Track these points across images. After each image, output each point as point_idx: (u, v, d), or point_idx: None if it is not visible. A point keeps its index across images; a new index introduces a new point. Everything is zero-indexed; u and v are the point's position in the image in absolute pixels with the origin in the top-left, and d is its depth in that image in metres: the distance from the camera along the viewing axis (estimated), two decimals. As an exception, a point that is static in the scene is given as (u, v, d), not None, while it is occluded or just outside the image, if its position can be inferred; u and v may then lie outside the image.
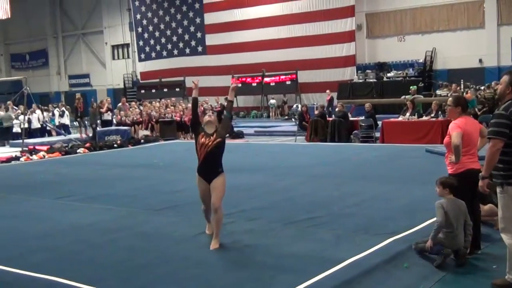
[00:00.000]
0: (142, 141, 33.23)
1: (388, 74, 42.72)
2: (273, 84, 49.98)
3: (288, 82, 49.35)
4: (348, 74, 45.20)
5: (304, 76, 48.71)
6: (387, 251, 9.88)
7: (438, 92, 35.48)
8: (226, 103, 11.23)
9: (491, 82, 34.77)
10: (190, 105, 29.36)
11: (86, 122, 38.62)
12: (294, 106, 46.81)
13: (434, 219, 9.78)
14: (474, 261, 9.72)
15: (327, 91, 44.01)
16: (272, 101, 50.41)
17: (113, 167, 22.70)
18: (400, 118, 28.70)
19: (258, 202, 14.32)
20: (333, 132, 29.23)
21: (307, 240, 10.74)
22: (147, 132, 35.96)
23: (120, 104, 40.06)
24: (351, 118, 30.53)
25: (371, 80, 42.62)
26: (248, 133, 36.81)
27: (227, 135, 10.93)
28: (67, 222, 13.08)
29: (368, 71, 43.77)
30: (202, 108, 34.44)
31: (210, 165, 10.55)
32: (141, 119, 37.30)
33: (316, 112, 31.35)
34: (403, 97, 32.54)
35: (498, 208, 8.42)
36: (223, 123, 10.86)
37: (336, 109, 30.74)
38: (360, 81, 43.43)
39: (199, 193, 10.87)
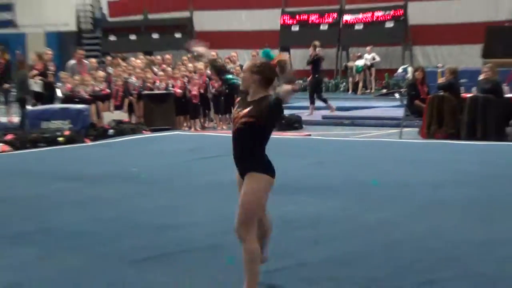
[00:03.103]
0: (110, 131, 13.80)
1: None
2: (360, 26, 22.86)
3: (389, 24, 22.50)
4: (505, 9, 21.10)
5: (420, 13, 22.17)
6: None
7: None
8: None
9: None
10: (200, 65, 15.56)
11: (8, 95, 16.30)
12: (400, 69, 21.46)
13: None
14: None
15: (368, 48, 22.18)
16: (359, 62, 22.55)
17: (55, 179, 9.10)
18: None
19: (330, 250, 5.47)
20: (474, 120, 11.95)
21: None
22: (121, 115, 14.85)
23: (72, 61, 16.19)
24: (508, 94, 12.79)
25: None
26: (311, 121, 16.06)
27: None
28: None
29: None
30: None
31: (238, 150, 4.26)
32: (108, 91, 15.11)
33: (440, 80, 13.53)
34: None
35: None
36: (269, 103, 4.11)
37: (481, 77, 12.51)
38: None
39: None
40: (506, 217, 6.54)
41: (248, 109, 4.18)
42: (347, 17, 23.36)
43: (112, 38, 27.51)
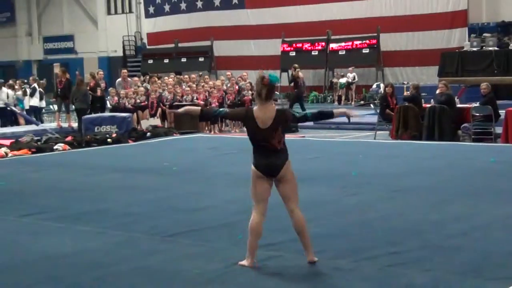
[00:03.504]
0: (148, 134, 13.66)
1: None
2: (343, 52, 22.36)
3: (366, 50, 21.97)
4: (455, 39, 20.69)
5: (390, 42, 21.91)
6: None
7: None
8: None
9: None
10: (218, 82, 16.36)
11: (69, 106, 15.02)
12: (374, 86, 21.37)
13: None
14: None
15: (350, 68, 21.75)
16: (342, 80, 21.82)
17: (105, 171, 9.12)
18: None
19: (318, 227, 5.27)
20: (432, 125, 11.94)
21: (390, 286, 4.06)
22: (156, 121, 14.85)
23: (119, 79, 16.42)
24: (458, 105, 12.86)
25: (490, 49, 18.33)
26: (304, 126, 14.48)
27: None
28: (38, 251, 5.08)
29: (486, 35, 19.29)
30: (237, 87, 16.01)
31: None
32: (147, 102, 15.24)
33: (406, 94, 14.28)
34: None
35: None
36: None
37: (437, 91, 12.51)
38: (474, 49, 18.71)
39: None
40: (455, 200, 6.49)
41: None
42: (332, 45, 23.16)
43: (150, 61, 27.25)
